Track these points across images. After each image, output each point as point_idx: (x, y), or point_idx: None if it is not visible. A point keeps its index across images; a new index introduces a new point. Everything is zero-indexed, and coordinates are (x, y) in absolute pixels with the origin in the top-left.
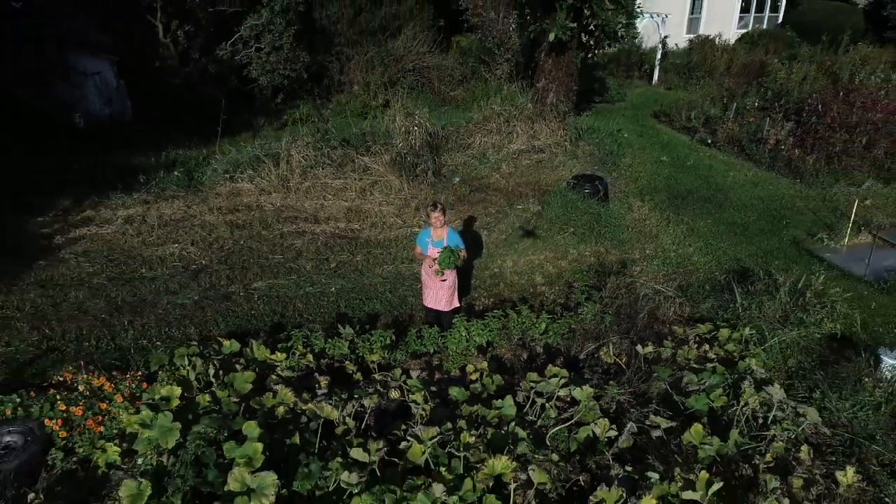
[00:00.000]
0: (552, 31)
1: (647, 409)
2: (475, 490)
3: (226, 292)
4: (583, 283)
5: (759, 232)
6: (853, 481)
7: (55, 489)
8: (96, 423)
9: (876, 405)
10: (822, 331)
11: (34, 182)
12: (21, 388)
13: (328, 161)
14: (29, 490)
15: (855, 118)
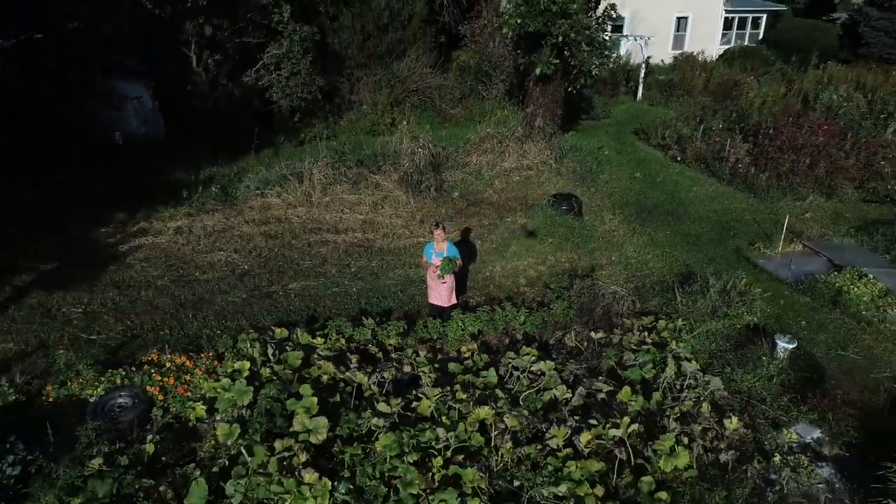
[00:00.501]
0: (539, 66)
1: (596, 379)
2: (466, 431)
3: (267, 291)
4: (557, 284)
5: (710, 241)
6: (738, 427)
7: (160, 435)
8: (184, 390)
9: (769, 377)
10: (741, 322)
11: (90, 197)
12: (120, 365)
13: (345, 179)
14: (145, 436)
15: (801, 140)
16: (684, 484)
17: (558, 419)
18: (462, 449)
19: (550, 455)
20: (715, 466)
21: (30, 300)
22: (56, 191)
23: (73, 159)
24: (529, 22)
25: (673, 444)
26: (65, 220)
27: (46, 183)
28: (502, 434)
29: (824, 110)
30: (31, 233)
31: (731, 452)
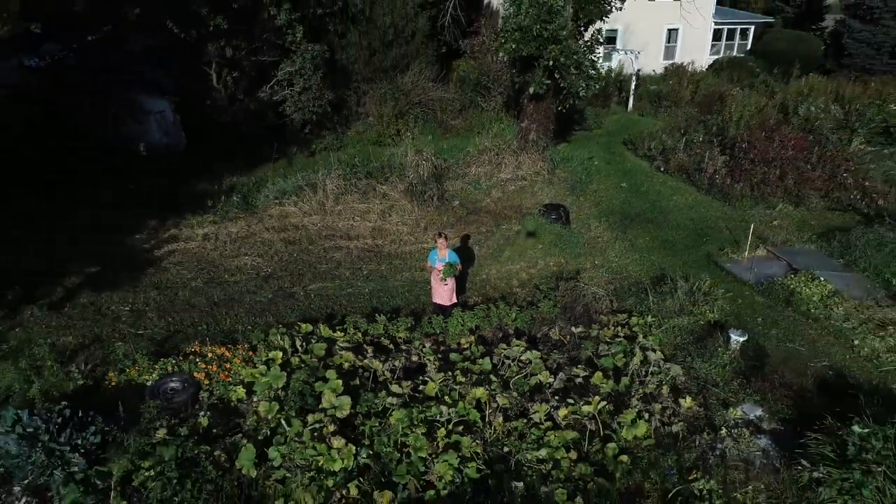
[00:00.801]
0: (532, 86)
1: (575, 366)
2: (465, 408)
3: (290, 292)
4: (545, 286)
5: (684, 247)
6: (691, 405)
7: (209, 413)
8: (226, 376)
9: (723, 365)
10: (704, 318)
11: (122, 206)
12: (168, 355)
13: (355, 189)
14: (196, 413)
15: (772, 154)
16: (643, 450)
17: (542, 399)
18: (461, 422)
19: (534, 427)
20: (669, 437)
21: (81, 300)
22: (91, 200)
23: (103, 170)
24: (523, 47)
25: (634, 417)
26: (102, 228)
27: (83, 193)
28: (495, 411)
29: (802, 122)
30: (72, 239)
31: (681, 424)
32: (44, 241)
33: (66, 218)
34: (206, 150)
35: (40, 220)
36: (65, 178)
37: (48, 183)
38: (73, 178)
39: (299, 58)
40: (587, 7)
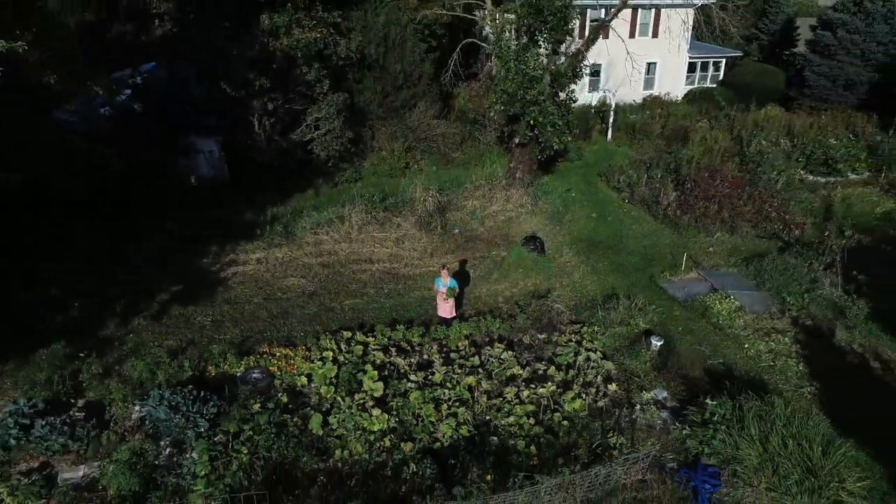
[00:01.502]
0: (517, 136)
1: (539, 363)
2: (460, 391)
3: (330, 306)
4: (522, 302)
5: (634, 270)
6: (616, 389)
7: (282, 396)
8: (291, 368)
9: (644, 362)
10: (638, 328)
11: (188, 235)
12: (248, 354)
13: (374, 221)
14: (275, 395)
15: (713, 191)
16: (579, 418)
17: (513, 385)
18: (458, 400)
19: (507, 403)
20: (597, 410)
21: (174, 312)
22: (164, 229)
23: (167, 200)
24: (510, 108)
25: (574, 396)
26: (177, 253)
27: (157, 226)
28: (481, 393)
29: (755, 154)
30: (157, 262)
31: (606, 401)
32: (132, 263)
33: (144, 240)
34: (246, 182)
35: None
36: (139, 208)
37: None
38: (144, 208)
39: (325, 106)
40: (560, 79)
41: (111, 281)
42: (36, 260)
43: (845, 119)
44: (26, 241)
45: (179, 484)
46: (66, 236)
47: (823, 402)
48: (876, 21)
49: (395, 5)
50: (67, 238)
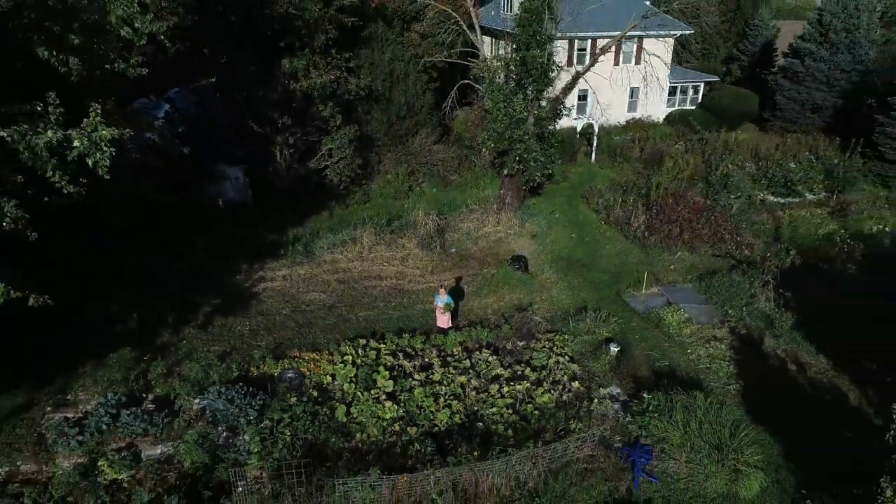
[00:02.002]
0: (507, 168)
1: (518, 365)
2: (454, 387)
3: (347, 317)
4: (507, 314)
5: (604, 285)
6: (578, 387)
7: (312, 391)
8: (318, 369)
9: (604, 364)
10: (601, 336)
11: (222, 255)
12: (282, 358)
13: (382, 242)
14: (307, 391)
15: (675, 216)
16: (548, 409)
17: (497, 382)
18: (452, 394)
19: (491, 397)
20: (562, 402)
21: (216, 322)
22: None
23: (201, 222)
24: (499, 144)
25: (544, 391)
26: (213, 270)
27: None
28: (471, 389)
29: (721, 177)
30: (195, 279)
31: (570, 395)
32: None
33: (182, 258)
34: (267, 204)
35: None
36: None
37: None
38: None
39: (338, 137)
40: (542, 121)
41: (158, 295)
42: (87, 276)
43: (809, 142)
44: (77, 258)
45: (237, 458)
46: (112, 253)
47: (744, 396)
48: (840, 51)
49: (400, 42)
50: (114, 256)
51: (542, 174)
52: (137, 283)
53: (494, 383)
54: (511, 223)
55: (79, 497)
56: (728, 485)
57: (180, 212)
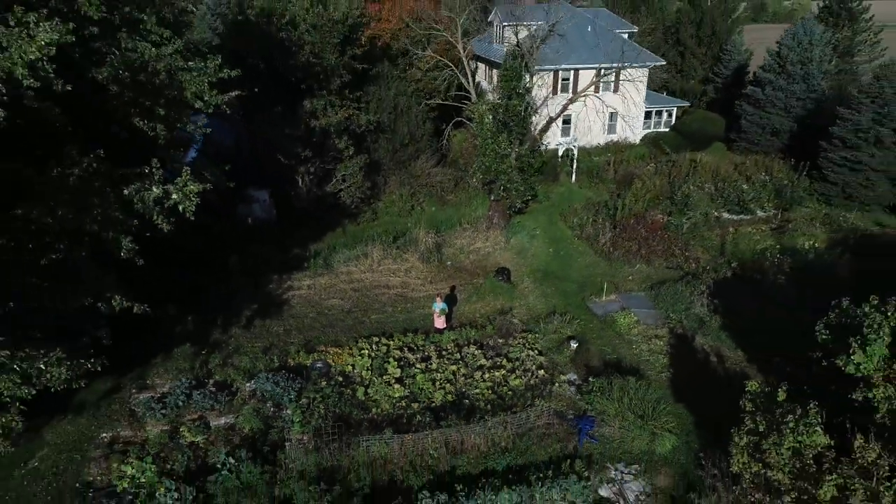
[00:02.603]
0: (493, 194)
1: (498, 357)
2: (448, 374)
3: (361, 320)
4: (491, 317)
5: (572, 294)
6: (544, 373)
7: (338, 377)
8: (341, 361)
9: (566, 357)
10: (565, 334)
11: (254, 267)
12: (313, 351)
13: (389, 256)
14: (334, 376)
15: (635, 234)
16: (519, 390)
17: (481, 370)
18: (446, 380)
19: (475, 381)
20: (530, 385)
21: (256, 324)
22: (232, 262)
23: (234, 239)
24: (487, 176)
25: (516, 377)
26: (249, 280)
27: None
28: (460, 375)
29: (683, 197)
30: (234, 288)
31: (536, 380)
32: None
33: (225, 271)
34: (288, 222)
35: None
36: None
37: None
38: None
39: (350, 165)
40: (522, 157)
41: (206, 301)
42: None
43: (765, 163)
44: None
45: (284, 426)
46: (166, 265)
47: (672, 381)
48: (795, 81)
49: (403, 78)
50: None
51: (522, 200)
52: (193, 290)
53: (478, 371)
54: (497, 240)
55: (168, 453)
56: (648, 444)
57: (215, 231)
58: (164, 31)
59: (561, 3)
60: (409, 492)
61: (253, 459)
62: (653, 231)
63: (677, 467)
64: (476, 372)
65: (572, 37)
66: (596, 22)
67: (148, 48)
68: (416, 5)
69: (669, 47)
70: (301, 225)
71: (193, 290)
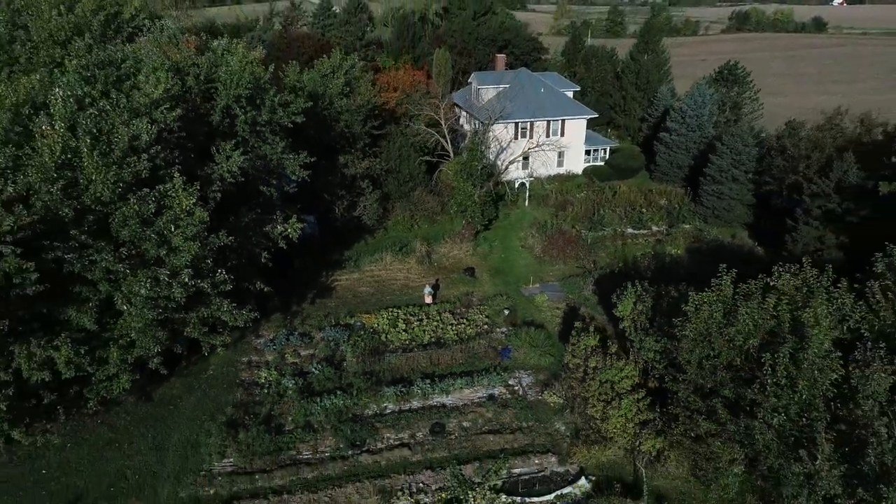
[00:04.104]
0: (464, 218)
1: (462, 319)
2: (433, 328)
3: (381, 299)
4: (460, 297)
5: (512, 283)
6: (487, 328)
7: (369, 330)
8: (371, 321)
9: (503, 319)
10: (503, 306)
11: (310, 269)
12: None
13: (397, 260)
14: (369, 329)
15: (555, 243)
16: (472, 335)
17: (451, 325)
18: (432, 330)
19: (448, 331)
20: (479, 333)
21: (316, 302)
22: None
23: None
24: (460, 208)
25: (471, 328)
26: (311, 275)
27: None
28: (439, 328)
29: (599, 216)
30: (290, 281)
31: (482, 330)
32: (290, 280)
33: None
34: (327, 236)
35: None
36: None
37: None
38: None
39: (370, 198)
40: (483, 196)
41: (285, 286)
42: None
43: (666, 191)
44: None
45: (342, 354)
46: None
47: (561, 331)
48: (692, 129)
49: (404, 134)
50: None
51: (482, 224)
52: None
53: (450, 326)
54: (468, 249)
55: (281, 367)
56: (537, 360)
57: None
58: (276, 138)
59: (521, 70)
60: (411, 380)
61: (328, 368)
62: (569, 242)
63: (551, 371)
64: (448, 326)
65: (529, 96)
66: (547, 83)
67: (269, 149)
68: (413, 79)
69: (616, 90)
70: (337, 239)
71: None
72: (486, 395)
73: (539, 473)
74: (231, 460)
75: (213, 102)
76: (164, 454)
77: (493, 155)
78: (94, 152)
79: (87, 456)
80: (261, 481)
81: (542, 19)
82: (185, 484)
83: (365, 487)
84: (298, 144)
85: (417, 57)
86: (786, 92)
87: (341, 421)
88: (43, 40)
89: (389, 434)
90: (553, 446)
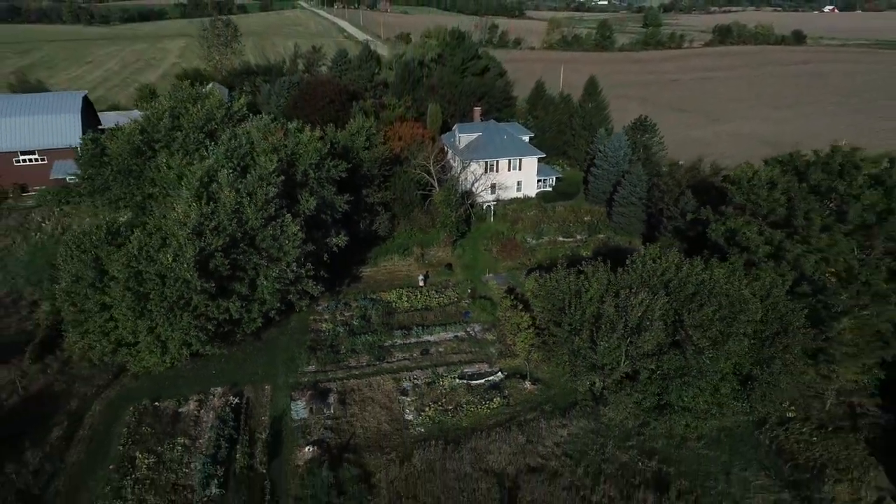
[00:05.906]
0: (445, 231)
1: (440, 294)
2: (422, 298)
3: (392, 283)
4: (441, 283)
5: (476, 273)
6: (455, 300)
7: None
8: (385, 297)
9: (466, 294)
10: (468, 287)
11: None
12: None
13: (402, 259)
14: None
15: (507, 247)
16: (443, 304)
17: (434, 299)
18: (423, 300)
19: (431, 301)
20: (450, 303)
21: (352, 286)
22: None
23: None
24: (443, 226)
25: (447, 300)
26: (344, 268)
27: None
28: (426, 299)
29: (539, 228)
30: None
31: (452, 300)
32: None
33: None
34: (353, 242)
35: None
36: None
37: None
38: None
39: (383, 216)
40: (458, 217)
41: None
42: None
43: (591, 210)
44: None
45: (370, 314)
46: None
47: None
48: (612, 165)
49: (406, 171)
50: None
51: (457, 235)
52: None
53: (433, 299)
54: (448, 251)
55: (334, 321)
56: (485, 317)
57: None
58: (331, 185)
59: (490, 120)
60: (410, 327)
61: (362, 321)
62: (515, 246)
63: (491, 323)
64: (433, 299)
65: (495, 141)
66: (509, 131)
67: (327, 193)
68: (414, 131)
69: (568, 129)
70: (360, 246)
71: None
72: (453, 336)
73: (478, 371)
74: (312, 367)
75: (295, 167)
76: (276, 363)
77: (469, 184)
78: (251, 204)
79: (237, 362)
80: (330, 375)
81: (538, 28)
82: (290, 376)
83: (385, 380)
84: (340, 186)
85: (417, 98)
86: (732, 118)
87: (371, 348)
88: (191, 129)
89: (398, 354)
90: (487, 359)
